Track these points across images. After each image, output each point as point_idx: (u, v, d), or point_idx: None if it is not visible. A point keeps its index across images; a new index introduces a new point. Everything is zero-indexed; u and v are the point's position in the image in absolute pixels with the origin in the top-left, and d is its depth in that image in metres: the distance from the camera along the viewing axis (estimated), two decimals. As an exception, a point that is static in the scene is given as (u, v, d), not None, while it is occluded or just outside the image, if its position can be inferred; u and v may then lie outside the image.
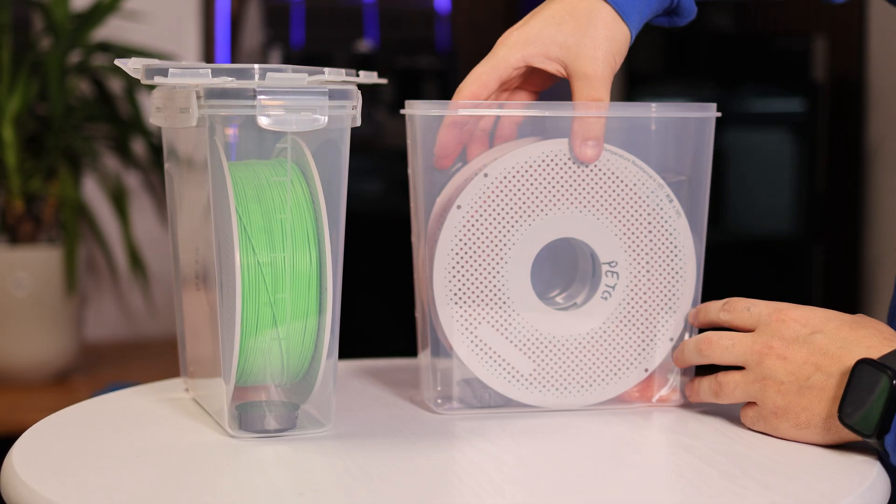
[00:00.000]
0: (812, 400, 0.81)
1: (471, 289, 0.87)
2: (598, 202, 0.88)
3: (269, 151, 0.85)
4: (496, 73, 0.88)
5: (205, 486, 0.74)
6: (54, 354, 2.11)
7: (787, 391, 0.82)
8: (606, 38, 0.88)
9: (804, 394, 0.81)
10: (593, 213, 0.88)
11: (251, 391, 0.84)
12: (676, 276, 0.91)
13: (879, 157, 2.58)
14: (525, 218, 0.87)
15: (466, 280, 0.87)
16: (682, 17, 0.97)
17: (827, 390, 0.80)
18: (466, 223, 0.86)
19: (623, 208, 0.89)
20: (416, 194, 0.89)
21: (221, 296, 0.81)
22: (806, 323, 0.83)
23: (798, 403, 0.81)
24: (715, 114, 0.91)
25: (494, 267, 0.87)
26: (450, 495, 0.73)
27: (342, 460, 0.78)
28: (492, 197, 0.86)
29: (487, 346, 0.87)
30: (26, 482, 0.72)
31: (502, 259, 0.87)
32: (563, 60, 0.88)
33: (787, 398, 0.82)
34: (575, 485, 0.75)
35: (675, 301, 0.91)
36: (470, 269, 0.87)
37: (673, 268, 0.91)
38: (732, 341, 0.85)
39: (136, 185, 2.39)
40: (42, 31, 2.22)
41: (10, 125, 2.05)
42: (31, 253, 2.08)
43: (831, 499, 0.72)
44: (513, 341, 0.88)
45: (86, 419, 0.89)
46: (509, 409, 0.89)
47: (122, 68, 0.84)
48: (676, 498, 0.73)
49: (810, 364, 0.81)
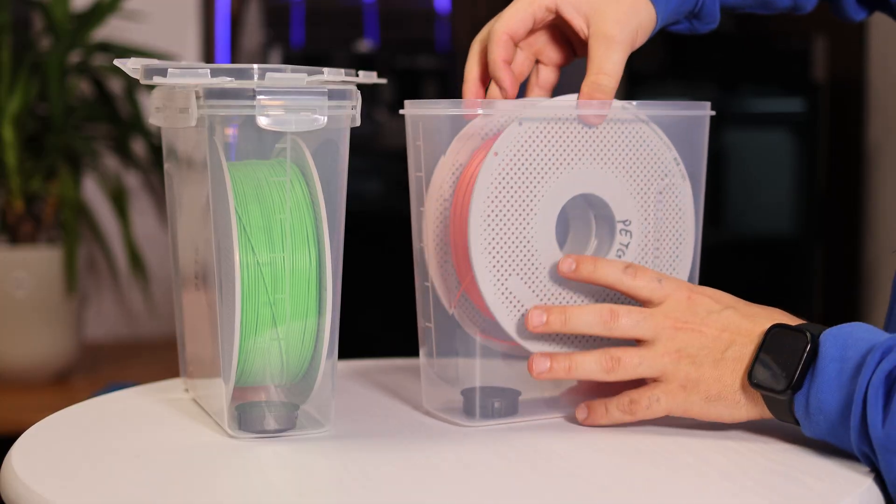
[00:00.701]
0: (725, 371, 0.82)
1: (504, 238, 0.86)
2: (619, 160, 0.90)
3: (268, 151, 0.85)
4: (531, 9, 0.90)
5: (205, 487, 0.74)
6: (54, 354, 2.11)
7: (702, 362, 0.82)
8: (635, 12, 0.89)
9: (718, 365, 0.82)
10: (613, 170, 0.89)
11: (251, 391, 0.84)
12: (680, 238, 0.92)
13: (879, 157, 2.58)
14: (553, 170, 0.88)
15: (500, 229, 0.86)
16: (705, 23, 0.97)
17: (742, 360, 0.82)
18: (502, 170, 0.86)
19: (639, 168, 0.90)
20: (415, 194, 0.89)
21: (221, 296, 0.81)
22: (718, 300, 0.85)
23: (711, 375, 0.82)
24: (709, 112, 0.92)
25: (525, 217, 0.87)
26: (450, 496, 0.73)
27: (342, 461, 0.78)
28: (525, 145, 0.86)
29: (515, 299, 0.87)
30: (26, 482, 0.73)
31: (532, 210, 0.87)
32: (588, 17, 0.89)
33: (700, 370, 0.82)
34: (575, 485, 0.75)
35: (678, 262, 0.92)
36: (504, 217, 0.86)
37: (677, 229, 0.92)
38: (642, 325, 0.84)
39: (136, 185, 2.39)
40: (42, 31, 2.22)
41: (10, 125, 2.05)
42: (31, 253, 2.08)
43: (830, 499, 0.72)
44: (537, 294, 0.88)
45: (86, 419, 0.89)
46: (511, 420, 0.89)
47: (121, 68, 0.84)
48: (676, 498, 0.73)
49: (725, 338, 0.82)
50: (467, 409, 0.88)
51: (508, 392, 0.89)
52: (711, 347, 0.83)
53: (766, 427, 0.85)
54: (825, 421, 0.78)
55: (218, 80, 0.79)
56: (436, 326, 0.89)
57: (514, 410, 0.89)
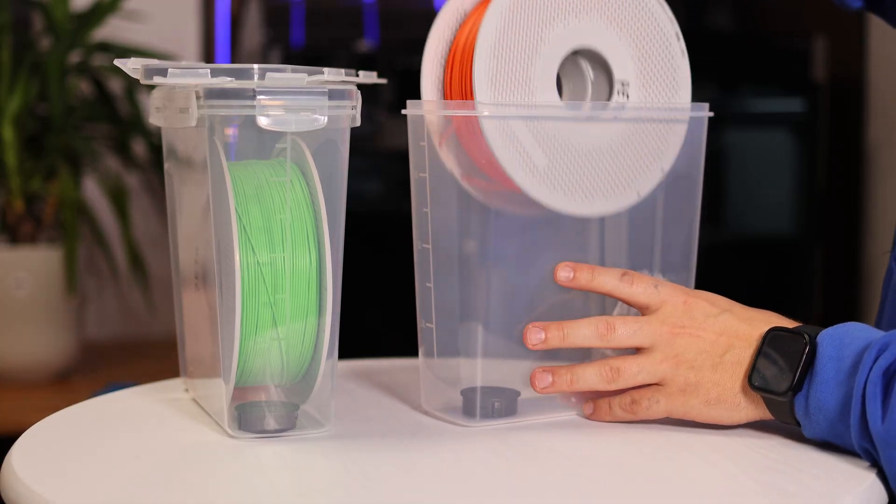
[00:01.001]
0: (724, 375, 0.82)
1: (507, 75, 0.87)
2: (624, 20, 0.91)
3: (268, 151, 0.85)
4: None
5: (205, 486, 0.74)
6: (54, 354, 2.11)
7: (701, 367, 0.83)
8: None
9: (717, 369, 0.83)
10: (616, 30, 0.90)
11: (251, 391, 0.84)
12: (671, 116, 0.93)
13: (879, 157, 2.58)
14: (559, 16, 0.89)
15: (504, 64, 0.87)
16: None
17: (741, 364, 0.82)
18: (509, 8, 0.87)
19: (642, 33, 0.91)
20: (417, 195, 0.89)
21: (221, 296, 0.81)
22: (715, 303, 0.85)
23: (710, 378, 0.83)
24: (707, 114, 0.92)
25: (529, 58, 0.88)
26: (450, 496, 0.73)
27: (342, 461, 0.78)
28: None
29: (516, 138, 0.87)
30: (26, 482, 0.72)
31: (535, 54, 0.88)
32: None
33: (699, 374, 0.83)
34: (576, 485, 0.75)
35: (668, 138, 0.92)
36: (509, 53, 0.87)
37: (671, 102, 0.93)
38: (639, 333, 0.85)
39: (136, 185, 2.39)
40: (42, 31, 2.22)
41: (10, 125, 2.05)
42: (31, 253, 2.08)
43: (831, 499, 0.72)
44: (535, 136, 0.88)
45: (86, 419, 0.89)
46: (512, 420, 0.89)
47: (121, 68, 0.84)
48: (676, 498, 0.73)
49: (723, 342, 0.83)
50: (467, 409, 0.88)
51: (508, 392, 0.89)
52: (710, 352, 0.83)
53: (766, 426, 0.85)
54: (825, 420, 0.78)
55: (218, 80, 0.79)
56: (436, 326, 0.89)
57: (513, 410, 0.89)
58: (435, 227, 0.88)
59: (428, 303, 0.89)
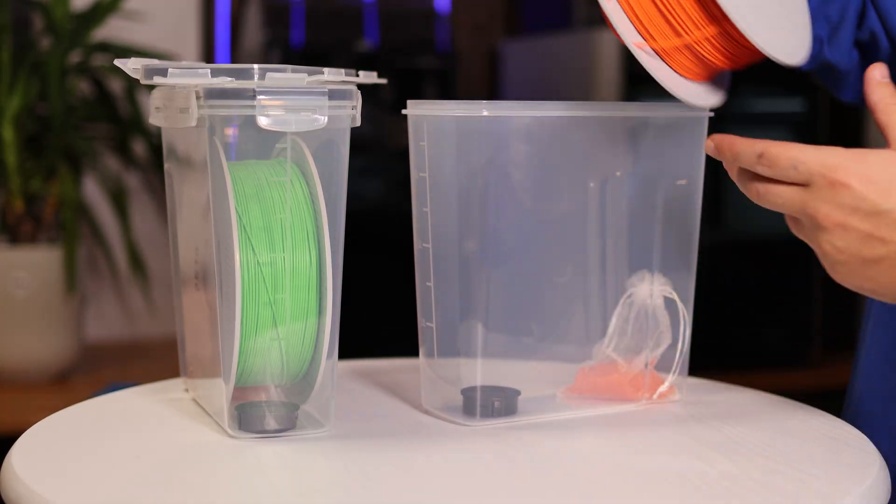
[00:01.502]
0: (880, 272, 0.75)
1: None
2: None
3: (268, 151, 0.85)
4: None
5: (205, 486, 0.74)
6: (54, 354, 2.11)
7: (849, 261, 0.75)
8: None
9: (869, 266, 0.75)
10: None
11: (251, 391, 0.84)
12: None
13: (879, 157, 2.58)
14: None
15: None
16: None
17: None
18: None
19: None
20: (418, 195, 0.89)
21: (221, 296, 0.81)
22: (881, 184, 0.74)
23: (864, 274, 0.76)
24: (708, 114, 0.92)
25: None
26: (450, 496, 0.73)
27: (342, 461, 0.78)
28: None
29: None
30: (26, 482, 0.72)
31: None
32: None
33: (848, 266, 0.76)
34: (576, 485, 0.75)
35: None
36: None
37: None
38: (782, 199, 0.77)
39: (136, 185, 2.40)
40: (42, 31, 2.22)
41: (10, 125, 2.05)
42: (31, 253, 2.08)
43: (831, 499, 0.72)
44: None
45: (86, 419, 0.89)
46: (512, 419, 0.89)
47: (121, 68, 0.84)
48: (676, 498, 0.73)
49: (876, 238, 0.74)
50: (467, 409, 0.88)
51: (508, 392, 0.89)
52: (858, 246, 0.75)
53: (766, 426, 0.85)
54: None
55: (218, 80, 0.79)
56: (436, 326, 0.89)
57: (513, 410, 0.89)
58: (435, 226, 0.88)
59: (428, 302, 0.89)
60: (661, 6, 0.83)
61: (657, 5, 0.83)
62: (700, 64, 0.85)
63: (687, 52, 0.84)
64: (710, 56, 0.84)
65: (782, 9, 0.87)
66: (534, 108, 0.88)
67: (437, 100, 0.87)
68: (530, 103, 0.90)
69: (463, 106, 0.87)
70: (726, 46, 0.84)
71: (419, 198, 0.89)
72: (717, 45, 0.84)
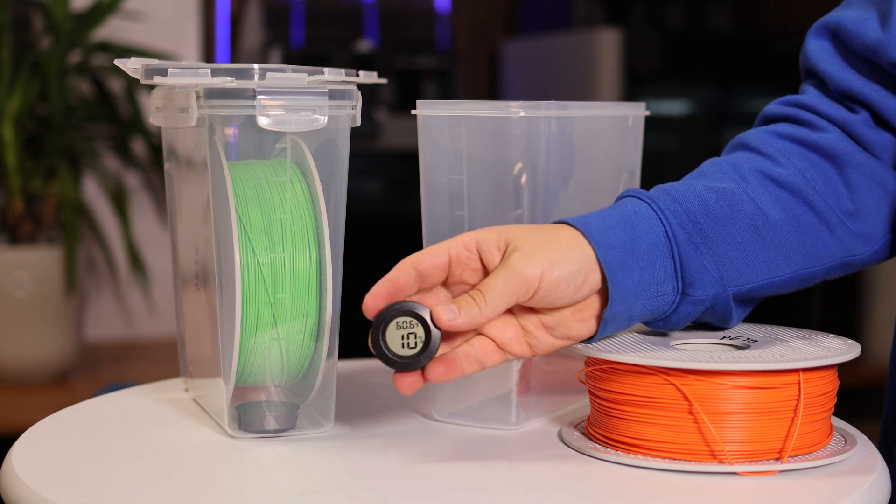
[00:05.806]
0: None
1: None
2: None
3: (268, 151, 0.85)
4: (448, 244, 0.78)
5: (205, 486, 0.74)
6: (54, 354, 2.11)
7: None
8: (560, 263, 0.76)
9: None
10: None
11: (251, 391, 0.84)
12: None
13: (879, 157, 2.58)
14: None
15: None
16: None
17: None
18: None
19: None
20: (426, 193, 0.88)
21: (221, 296, 0.81)
22: None
23: None
24: (643, 112, 0.96)
25: None
26: (449, 496, 0.73)
27: (342, 460, 0.78)
28: None
29: None
30: (26, 482, 0.72)
31: None
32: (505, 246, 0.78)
33: None
34: (576, 485, 0.75)
35: None
36: None
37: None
38: None
39: (136, 185, 2.40)
40: (42, 31, 2.22)
41: (10, 125, 2.05)
42: (31, 253, 2.08)
43: (831, 499, 0.72)
44: None
45: (86, 419, 0.89)
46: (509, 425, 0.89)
47: (121, 68, 0.84)
48: (677, 497, 0.73)
49: None
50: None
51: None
52: None
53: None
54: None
55: (218, 80, 0.79)
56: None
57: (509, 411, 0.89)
58: (472, 229, 0.88)
59: (428, 303, 0.89)
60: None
61: None
62: None
63: None
64: None
65: None
66: (565, 108, 0.88)
67: (446, 100, 0.86)
68: (563, 103, 0.89)
69: (472, 105, 0.86)
70: None
71: (453, 201, 0.87)
72: None
